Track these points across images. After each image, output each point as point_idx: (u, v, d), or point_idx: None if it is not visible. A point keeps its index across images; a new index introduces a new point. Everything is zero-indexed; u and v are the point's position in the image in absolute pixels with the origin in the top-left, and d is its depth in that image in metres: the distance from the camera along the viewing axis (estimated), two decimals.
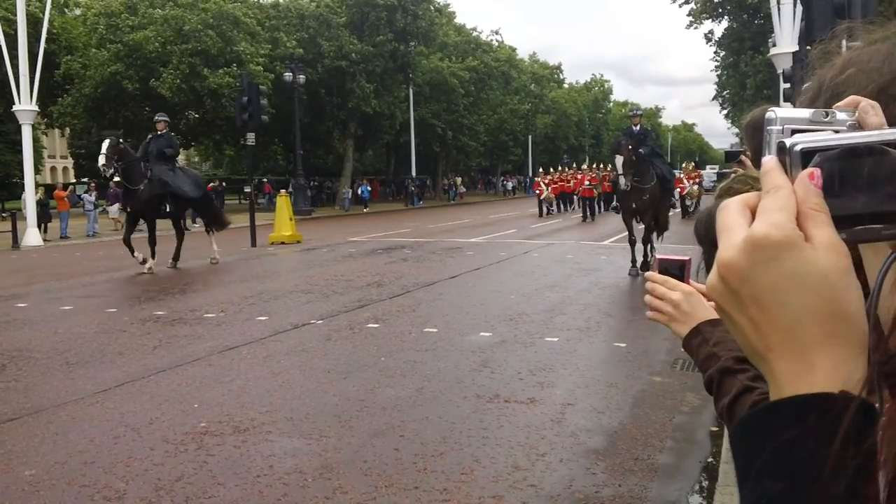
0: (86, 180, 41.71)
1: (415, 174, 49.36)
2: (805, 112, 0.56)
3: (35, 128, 27.29)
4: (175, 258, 14.78)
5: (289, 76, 33.03)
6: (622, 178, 11.86)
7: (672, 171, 15.27)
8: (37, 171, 29.99)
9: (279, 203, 20.79)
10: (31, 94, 22.03)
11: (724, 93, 45.17)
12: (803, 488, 0.48)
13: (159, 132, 15.25)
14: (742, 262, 0.51)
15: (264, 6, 43.00)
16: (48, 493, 4.22)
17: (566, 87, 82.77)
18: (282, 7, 43.05)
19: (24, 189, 24.04)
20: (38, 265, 15.82)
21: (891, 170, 0.51)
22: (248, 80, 22.00)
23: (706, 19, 40.32)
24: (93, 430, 5.25)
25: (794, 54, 14.20)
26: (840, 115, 0.57)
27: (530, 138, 67.78)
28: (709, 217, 1.73)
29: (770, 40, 20.21)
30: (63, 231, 24.03)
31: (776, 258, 0.50)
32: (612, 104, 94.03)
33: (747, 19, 38.25)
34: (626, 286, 11.57)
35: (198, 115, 39.37)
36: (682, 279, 1.49)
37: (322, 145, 50.21)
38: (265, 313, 9.50)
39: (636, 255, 12.52)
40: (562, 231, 23.98)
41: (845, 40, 0.78)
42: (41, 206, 23.47)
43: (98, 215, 25.98)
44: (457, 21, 59.02)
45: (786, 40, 17.07)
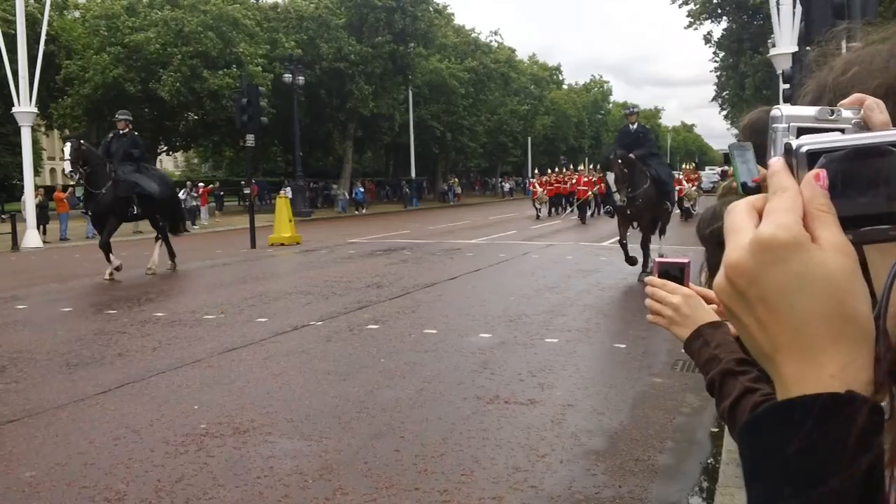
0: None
1: (414, 175, 49.37)
2: (811, 110, 0.56)
3: (35, 130, 27.25)
4: (171, 257, 14.41)
5: (288, 77, 33.06)
6: (616, 194, 11.65)
7: (672, 172, 15.00)
8: (36, 173, 29.92)
9: (278, 205, 20.80)
10: (31, 96, 21.95)
11: (724, 94, 45.22)
12: (813, 489, 0.48)
13: (121, 131, 14.31)
14: (750, 264, 0.51)
15: (263, 7, 43.04)
16: (48, 494, 4.22)
17: (565, 88, 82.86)
18: (281, 8, 43.10)
19: (23, 191, 24.01)
20: (38, 267, 15.80)
21: None
22: (248, 81, 22.01)
23: (705, 20, 40.40)
24: (93, 431, 5.25)
25: (794, 55, 14.18)
26: (846, 112, 0.57)
27: (529, 139, 67.77)
28: (712, 216, 1.73)
29: (769, 41, 20.19)
30: (63, 233, 23.99)
31: (784, 259, 0.50)
32: (611, 105, 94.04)
33: (747, 20, 38.31)
34: (626, 287, 11.56)
35: (197, 117, 39.38)
36: (681, 282, 1.49)
37: (321, 147, 50.24)
38: (265, 315, 9.50)
39: (629, 253, 12.04)
40: (561, 232, 23.98)
41: (844, 41, 0.78)
42: (41, 207, 23.45)
43: None
44: (456, 22, 59.06)
45: (785, 41, 17.04)
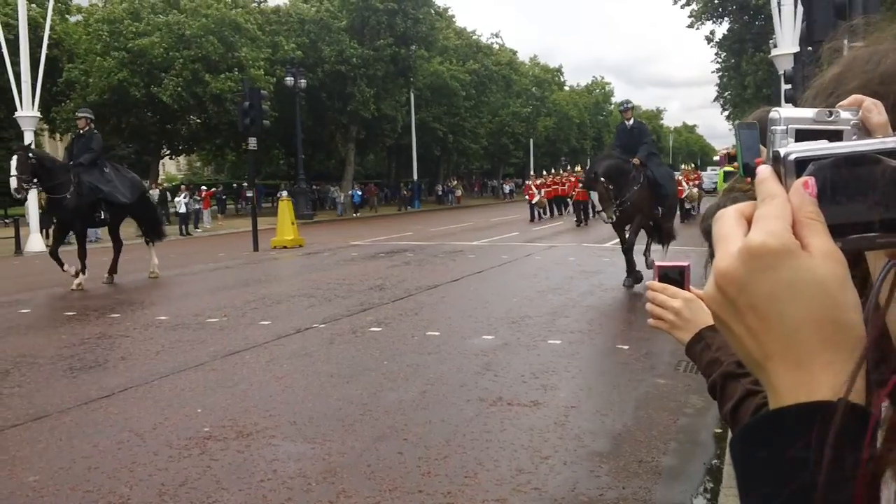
0: None
1: (416, 177, 49.35)
2: (809, 112, 0.56)
3: (37, 134, 27.27)
4: (111, 271, 13.49)
5: (290, 80, 33.08)
6: (603, 213, 11.27)
7: (671, 173, 14.58)
8: None
9: (281, 207, 20.83)
10: (33, 101, 22.01)
11: (726, 94, 45.12)
12: (807, 497, 0.48)
13: (80, 130, 13.59)
14: (739, 271, 0.51)
15: (265, 11, 43.06)
16: (52, 498, 4.23)
17: (567, 89, 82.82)
18: (282, 12, 43.12)
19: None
20: (42, 271, 15.81)
21: (884, 178, 0.51)
22: (250, 84, 22.02)
23: (707, 20, 40.34)
24: (96, 435, 5.26)
25: (796, 55, 14.18)
26: (844, 114, 0.57)
27: (531, 141, 67.74)
28: (716, 212, 1.73)
29: (771, 41, 20.16)
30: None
31: (773, 266, 0.50)
32: (612, 106, 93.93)
33: (748, 20, 38.25)
34: (629, 289, 11.54)
35: (200, 120, 39.41)
36: (682, 285, 1.49)
37: (323, 149, 50.24)
38: (268, 317, 9.51)
39: (632, 263, 11.71)
40: (563, 234, 23.97)
41: (846, 40, 0.78)
42: (44, 212, 23.43)
43: None
44: (457, 24, 59.05)
45: (787, 41, 17.04)
